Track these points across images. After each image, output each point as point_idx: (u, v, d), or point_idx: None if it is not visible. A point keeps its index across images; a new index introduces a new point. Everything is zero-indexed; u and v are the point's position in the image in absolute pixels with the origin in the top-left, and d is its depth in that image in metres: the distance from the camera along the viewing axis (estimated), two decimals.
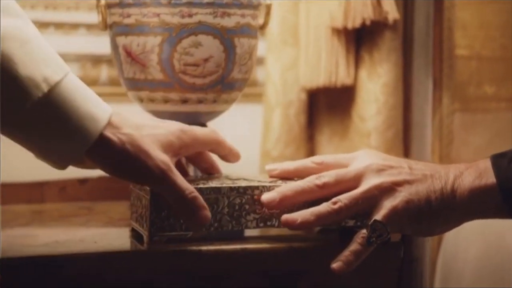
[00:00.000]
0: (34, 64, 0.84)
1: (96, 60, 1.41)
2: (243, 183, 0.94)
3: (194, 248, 0.90)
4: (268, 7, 1.12)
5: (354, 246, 0.91)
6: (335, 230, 0.95)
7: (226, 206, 0.92)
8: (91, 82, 1.39)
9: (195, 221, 0.89)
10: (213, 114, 1.11)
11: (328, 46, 1.38)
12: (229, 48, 1.06)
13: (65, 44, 1.38)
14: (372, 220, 0.90)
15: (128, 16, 1.05)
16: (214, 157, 1.02)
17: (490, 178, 0.92)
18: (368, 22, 1.34)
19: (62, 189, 1.22)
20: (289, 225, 0.91)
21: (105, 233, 0.97)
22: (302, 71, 1.40)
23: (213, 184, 0.93)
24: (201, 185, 0.92)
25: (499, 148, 1.47)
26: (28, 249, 0.88)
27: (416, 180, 0.92)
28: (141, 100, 1.09)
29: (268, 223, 0.94)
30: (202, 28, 1.04)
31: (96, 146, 0.86)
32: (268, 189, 0.93)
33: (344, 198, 0.92)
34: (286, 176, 0.97)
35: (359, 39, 1.40)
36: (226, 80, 1.08)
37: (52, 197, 1.22)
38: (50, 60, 0.86)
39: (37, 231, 1.00)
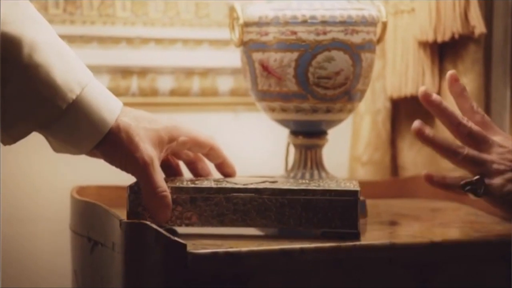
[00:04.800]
0: (69, 70, 0.96)
1: (189, 72, 1.50)
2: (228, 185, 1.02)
3: (349, 243, 1.00)
4: (384, 24, 1.21)
5: (453, 179, 1.12)
6: (338, 235, 1.02)
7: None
8: (183, 93, 1.49)
9: (157, 217, 0.99)
10: (336, 122, 1.21)
11: (415, 57, 1.46)
12: (356, 62, 1.16)
13: (162, 58, 1.48)
14: (480, 177, 1.05)
15: (266, 34, 1.15)
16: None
17: None
18: (456, 36, 1.42)
19: None
20: (418, 131, 1.06)
21: None
22: (389, 81, 1.49)
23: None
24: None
25: None
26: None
27: None
28: (272, 110, 1.18)
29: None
30: (334, 44, 1.14)
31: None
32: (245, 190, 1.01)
33: (469, 150, 1.05)
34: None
35: (440, 51, 1.50)
36: (352, 91, 1.17)
37: None
38: (80, 65, 0.98)
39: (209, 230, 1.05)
